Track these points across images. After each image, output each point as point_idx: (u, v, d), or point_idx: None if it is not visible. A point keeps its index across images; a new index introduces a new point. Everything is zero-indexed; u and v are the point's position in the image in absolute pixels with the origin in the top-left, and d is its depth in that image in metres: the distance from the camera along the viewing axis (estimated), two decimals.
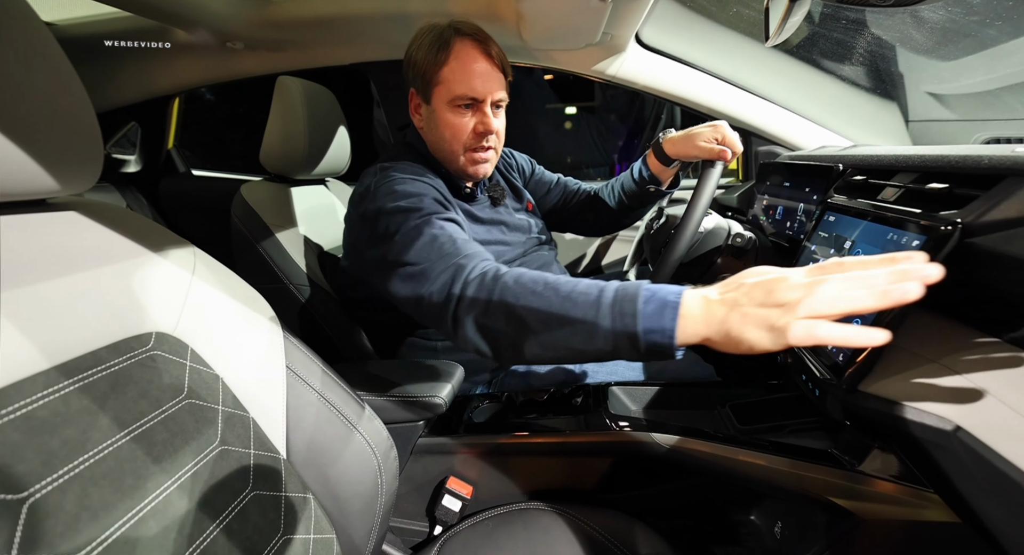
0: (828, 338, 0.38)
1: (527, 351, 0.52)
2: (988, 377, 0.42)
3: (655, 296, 0.47)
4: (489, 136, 0.81)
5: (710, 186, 0.85)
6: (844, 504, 0.60)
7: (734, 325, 0.42)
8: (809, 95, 1.35)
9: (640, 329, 0.46)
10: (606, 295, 0.49)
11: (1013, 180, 0.43)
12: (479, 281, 0.57)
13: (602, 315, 0.48)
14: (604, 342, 0.48)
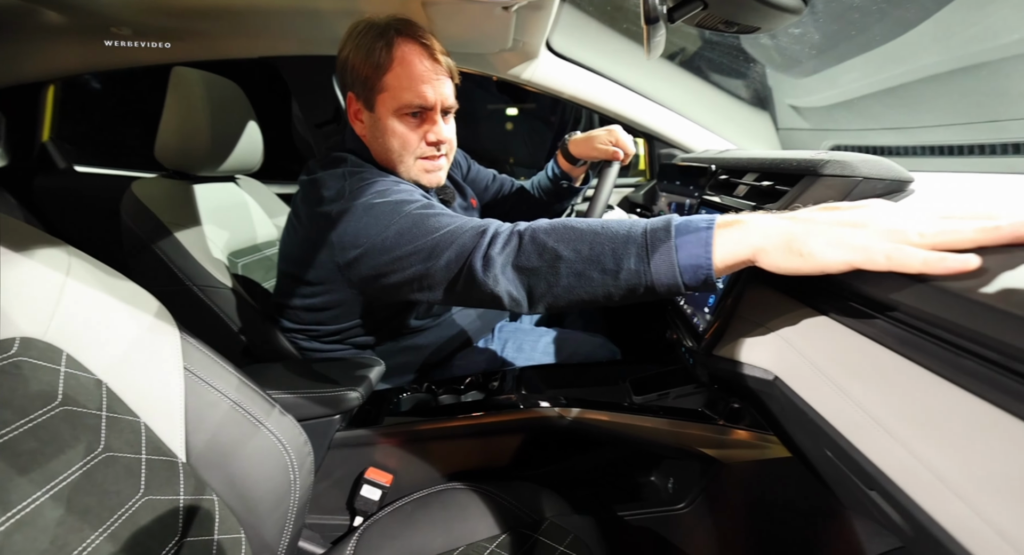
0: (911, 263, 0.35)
1: (561, 285, 0.51)
2: (798, 337, 0.53)
3: (686, 217, 0.48)
4: (441, 145, 0.78)
5: (608, 183, 0.95)
6: (712, 453, 0.71)
7: (798, 235, 0.40)
8: (700, 103, 1.51)
9: (674, 240, 0.46)
10: (639, 221, 0.50)
11: (808, 178, 0.54)
12: (510, 229, 0.57)
13: (634, 235, 0.48)
14: (638, 262, 0.47)
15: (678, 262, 0.45)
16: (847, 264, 0.38)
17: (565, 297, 0.51)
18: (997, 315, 0.31)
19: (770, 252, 0.42)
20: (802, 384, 0.49)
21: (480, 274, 0.54)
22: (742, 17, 0.72)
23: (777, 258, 0.42)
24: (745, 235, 0.43)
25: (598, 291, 0.49)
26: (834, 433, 0.44)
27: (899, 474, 0.35)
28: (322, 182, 0.73)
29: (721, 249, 0.44)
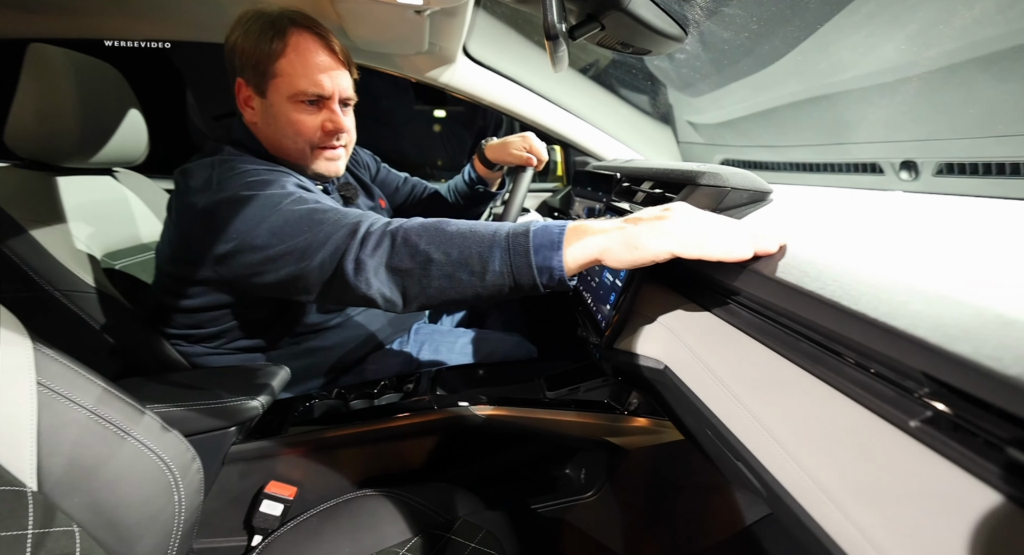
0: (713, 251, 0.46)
1: (433, 286, 0.53)
2: (682, 328, 0.59)
3: (543, 223, 0.54)
4: (340, 134, 0.78)
5: (522, 188, 0.98)
6: (617, 441, 0.76)
7: (631, 232, 0.48)
8: (610, 115, 1.61)
9: (531, 243, 0.51)
10: (503, 226, 0.54)
11: (689, 187, 0.61)
12: (382, 229, 0.57)
13: (498, 241, 0.52)
14: (502, 264, 0.51)
15: (535, 265, 0.50)
16: (668, 252, 0.47)
17: (438, 297, 0.54)
18: (804, 298, 0.38)
19: (613, 250, 0.49)
20: (686, 371, 0.54)
21: (352, 277, 0.55)
22: (635, 40, 0.79)
23: (618, 254, 0.49)
24: (591, 239, 0.50)
25: (468, 292, 0.53)
26: (709, 413, 0.49)
27: (751, 441, 0.40)
28: (190, 172, 0.70)
29: (572, 252, 0.50)
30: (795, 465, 0.35)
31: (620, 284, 0.68)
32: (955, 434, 0.28)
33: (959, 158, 0.74)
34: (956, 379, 0.27)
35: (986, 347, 0.26)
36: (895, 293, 0.32)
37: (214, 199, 0.65)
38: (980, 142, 0.69)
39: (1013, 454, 0.25)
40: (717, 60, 1.07)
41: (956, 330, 0.27)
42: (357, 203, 0.97)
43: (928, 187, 0.82)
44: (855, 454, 0.33)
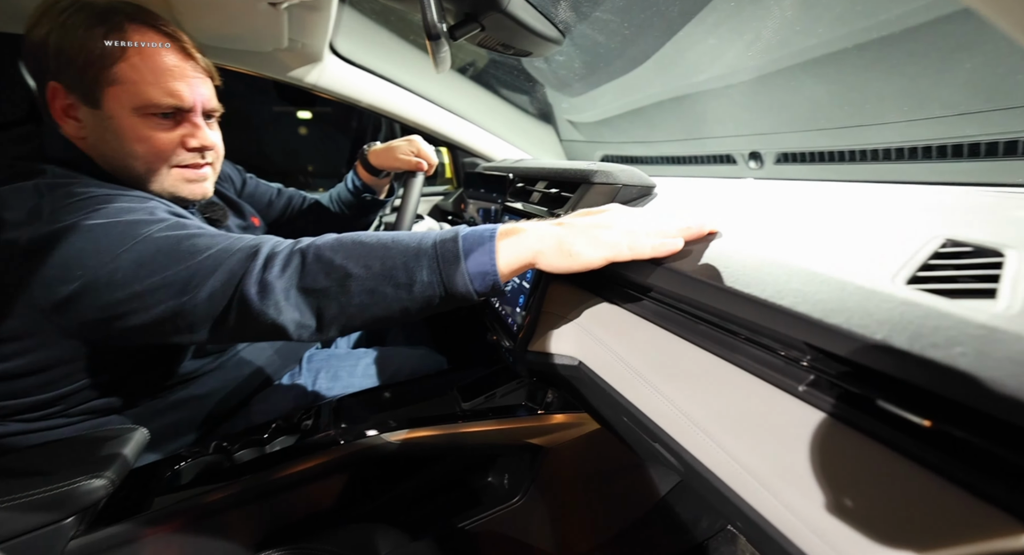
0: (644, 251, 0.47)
1: (354, 304, 0.48)
2: (593, 324, 0.60)
3: (472, 227, 0.51)
4: (206, 151, 0.67)
5: (414, 194, 0.93)
6: (537, 442, 0.76)
7: (566, 239, 0.48)
8: (494, 116, 1.62)
9: (462, 249, 0.48)
10: (429, 234, 0.51)
11: (584, 186, 0.62)
12: (289, 249, 0.51)
13: (424, 249, 0.49)
14: (430, 273, 0.48)
15: (467, 271, 0.48)
16: (604, 258, 0.47)
17: (360, 316, 0.49)
18: (703, 286, 0.40)
19: (546, 254, 0.48)
20: (600, 364, 0.55)
21: (257, 303, 0.48)
22: (516, 41, 0.80)
23: (552, 259, 0.48)
24: (524, 241, 0.49)
25: (394, 306, 0.49)
26: (625, 402, 0.50)
27: (665, 422, 0.42)
28: (2, 202, 0.54)
29: (504, 256, 0.48)
30: (706, 437, 0.37)
31: (528, 285, 0.67)
32: (833, 392, 0.32)
33: (793, 148, 0.87)
34: (835, 346, 0.30)
35: (855, 317, 0.29)
36: (777, 275, 0.35)
37: (43, 231, 0.51)
38: (808, 134, 0.81)
39: (882, 405, 0.28)
40: (590, 62, 1.13)
41: (831, 304, 0.31)
42: (227, 225, 0.83)
43: (772, 173, 0.96)
44: (756, 421, 0.35)
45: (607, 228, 0.48)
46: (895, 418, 0.28)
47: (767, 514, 0.32)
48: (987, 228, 0.34)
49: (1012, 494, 0.23)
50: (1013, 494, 0.23)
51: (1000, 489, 0.23)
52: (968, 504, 0.25)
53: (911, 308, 0.26)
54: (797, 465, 0.31)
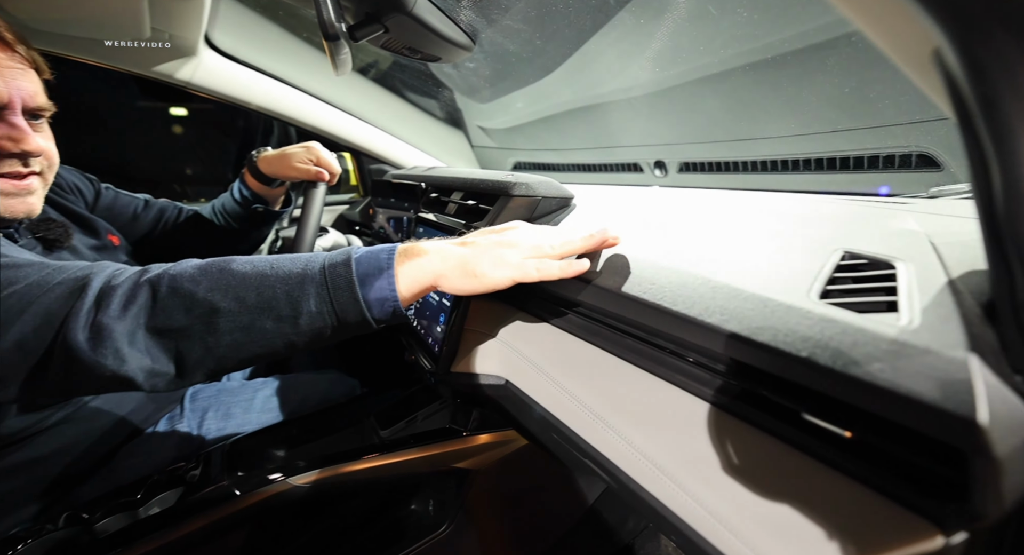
0: (552, 272, 0.45)
1: (224, 343, 0.41)
2: (519, 341, 0.58)
3: (367, 248, 0.46)
4: (31, 158, 0.55)
5: (316, 207, 0.84)
6: (463, 465, 0.72)
7: (470, 259, 0.45)
8: (401, 120, 1.55)
9: (355, 273, 0.43)
10: (315, 257, 0.45)
11: (503, 198, 0.60)
12: (132, 280, 0.42)
13: (311, 273, 0.43)
14: (319, 303, 0.42)
15: (363, 297, 0.43)
16: (510, 279, 0.45)
17: (234, 357, 0.42)
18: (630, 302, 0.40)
19: (449, 277, 0.45)
20: (527, 382, 0.53)
21: (87, 352, 0.39)
22: (424, 46, 0.75)
23: (456, 281, 0.45)
24: (426, 263, 0.46)
25: (276, 342, 0.43)
26: (555, 420, 0.49)
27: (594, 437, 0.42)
28: None
29: (405, 279, 0.45)
30: (637, 453, 0.37)
31: (448, 303, 0.63)
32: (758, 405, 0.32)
33: (694, 158, 0.93)
34: (763, 363, 0.31)
35: (780, 335, 0.29)
36: (703, 292, 0.36)
37: None
38: (707, 146, 0.87)
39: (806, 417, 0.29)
40: (501, 69, 1.12)
41: (756, 321, 0.31)
42: (72, 245, 0.68)
43: (675, 182, 1.02)
44: (685, 434, 0.36)
45: (513, 247, 0.46)
46: (818, 429, 0.29)
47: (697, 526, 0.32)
48: (875, 240, 0.37)
49: (930, 500, 0.24)
50: (931, 500, 0.24)
51: (918, 495, 0.24)
52: (889, 510, 0.26)
53: (829, 324, 0.27)
54: (725, 476, 0.32)
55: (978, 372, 0.22)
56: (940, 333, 0.25)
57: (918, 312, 0.27)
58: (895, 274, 0.31)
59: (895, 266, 0.32)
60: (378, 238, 1.24)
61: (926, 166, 0.58)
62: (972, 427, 0.20)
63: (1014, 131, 0.20)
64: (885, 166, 0.62)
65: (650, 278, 0.40)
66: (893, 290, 0.29)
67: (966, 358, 0.23)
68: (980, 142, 0.22)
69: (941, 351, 0.23)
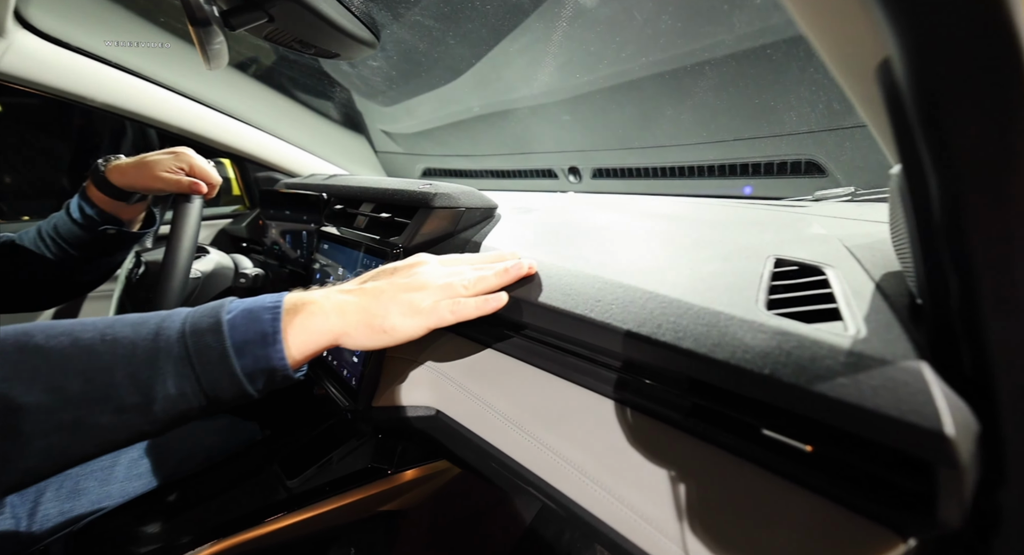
0: (468, 312, 0.41)
1: (35, 451, 0.30)
2: (450, 368, 0.53)
3: (243, 304, 0.37)
4: None
5: (190, 224, 0.70)
6: (391, 507, 0.65)
7: (376, 312, 0.40)
8: (293, 123, 1.40)
9: (230, 343, 0.35)
10: (168, 321, 0.35)
11: (423, 211, 0.54)
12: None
13: (166, 345, 0.34)
14: (180, 383, 0.33)
15: (241, 371, 0.35)
16: (424, 328, 0.41)
17: (50, 464, 0.31)
18: (572, 320, 0.37)
19: (353, 334, 0.40)
20: (460, 410, 0.48)
21: None
22: (318, 40, 0.67)
23: (361, 339, 0.40)
24: (323, 321, 0.39)
25: (118, 436, 0.33)
26: (493, 449, 0.45)
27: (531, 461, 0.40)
28: None
29: (296, 343, 0.37)
30: (587, 480, 0.36)
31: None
32: (713, 422, 0.32)
33: (607, 165, 0.95)
34: (722, 381, 0.29)
35: (738, 352, 0.28)
36: (651, 308, 0.34)
37: None
38: (619, 153, 0.90)
39: (766, 433, 0.29)
40: (407, 70, 1.05)
41: (712, 338, 0.30)
42: None
43: (589, 187, 1.04)
44: (635, 456, 0.34)
45: (422, 290, 0.42)
46: (776, 444, 0.28)
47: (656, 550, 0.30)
48: (796, 246, 0.38)
49: (890, 510, 0.24)
50: (891, 510, 0.24)
51: (878, 505, 0.24)
52: (849, 520, 0.26)
53: (785, 338, 0.27)
54: (678, 496, 0.30)
55: (934, 381, 0.22)
56: (888, 342, 0.25)
57: (861, 320, 0.27)
58: (827, 281, 0.32)
59: (825, 272, 0.33)
60: (272, 256, 1.10)
61: (814, 172, 0.64)
62: (940, 439, 0.20)
63: (955, 145, 0.20)
64: (779, 172, 0.67)
65: (595, 296, 0.37)
66: (830, 297, 0.30)
67: (919, 368, 0.23)
68: (918, 154, 0.22)
69: (895, 361, 0.23)
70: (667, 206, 0.67)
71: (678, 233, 0.47)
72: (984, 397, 0.23)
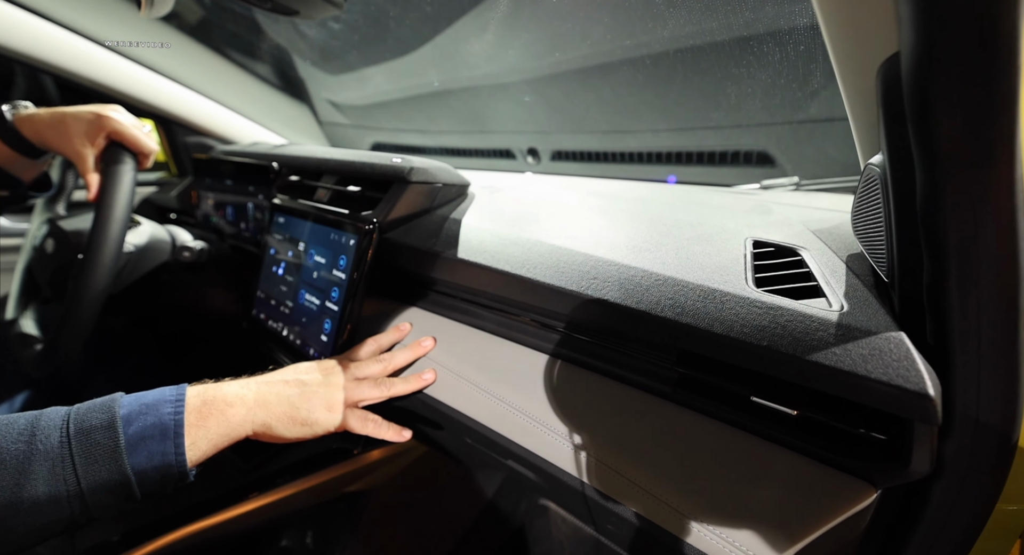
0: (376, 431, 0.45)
1: None
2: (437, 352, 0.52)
3: (141, 405, 0.34)
4: None
5: (123, 188, 0.62)
6: (355, 488, 0.63)
7: (300, 406, 0.40)
8: (233, 88, 1.27)
9: (126, 441, 0.32)
10: (46, 421, 0.32)
11: (398, 185, 0.52)
12: None
13: (43, 447, 0.30)
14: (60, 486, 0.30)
15: (132, 470, 0.32)
16: (343, 424, 0.43)
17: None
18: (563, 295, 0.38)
19: (275, 427, 0.39)
20: (438, 387, 0.48)
21: None
22: None
23: (283, 431, 0.40)
24: (245, 413, 0.38)
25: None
26: (471, 421, 0.45)
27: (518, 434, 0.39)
28: None
29: (202, 439, 0.35)
30: (569, 445, 0.36)
31: (333, 308, 0.53)
32: (702, 391, 0.34)
33: (566, 147, 0.96)
34: (720, 354, 0.31)
35: (736, 326, 0.30)
36: (647, 285, 0.35)
37: None
38: (579, 136, 0.91)
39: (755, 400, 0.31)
40: (361, 38, 0.99)
41: (710, 313, 0.32)
42: None
43: (548, 169, 1.04)
44: (627, 428, 0.35)
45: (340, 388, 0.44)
46: (764, 410, 0.31)
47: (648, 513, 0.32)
48: (769, 229, 0.41)
49: (867, 463, 0.27)
50: (868, 463, 0.27)
51: (857, 460, 0.28)
52: (827, 475, 0.29)
53: (779, 313, 0.29)
54: (668, 462, 0.32)
55: (914, 350, 0.25)
56: (868, 315, 0.28)
57: (841, 296, 0.30)
58: (803, 261, 0.35)
59: (800, 254, 0.36)
60: (208, 228, 1.00)
61: (764, 162, 0.68)
62: (925, 399, 0.23)
63: (941, 138, 0.23)
64: (732, 161, 0.72)
65: (589, 273, 0.38)
66: (809, 276, 0.33)
67: (901, 338, 0.26)
68: (906, 145, 0.25)
69: (879, 332, 0.26)
70: (632, 189, 0.69)
71: (657, 213, 0.49)
72: (942, 362, 0.26)
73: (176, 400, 0.35)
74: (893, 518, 0.31)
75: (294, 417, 0.40)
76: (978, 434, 0.26)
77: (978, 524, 0.29)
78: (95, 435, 0.32)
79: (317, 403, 0.41)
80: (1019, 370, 0.25)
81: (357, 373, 0.45)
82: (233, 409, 0.37)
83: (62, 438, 0.31)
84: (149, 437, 0.33)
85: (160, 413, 0.34)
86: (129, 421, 0.33)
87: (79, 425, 0.32)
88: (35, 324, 0.74)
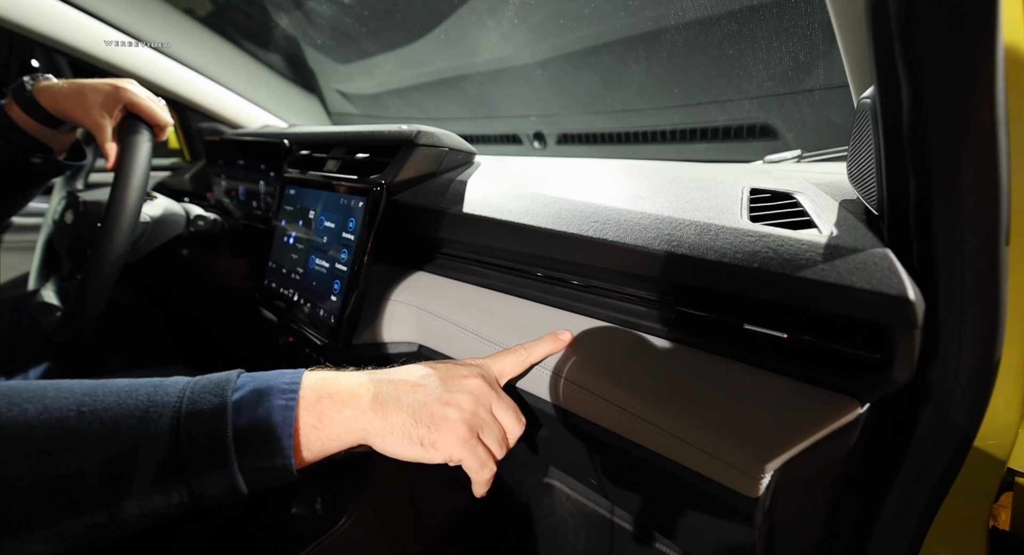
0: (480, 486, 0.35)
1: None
2: (431, 302, 0.53)
3: (255, 386, 0.31)
4: None
5: (140, 159, 0.64)
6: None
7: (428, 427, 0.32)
8: (246, 77, 1.30)
9: (234, 438, 0.29)
10: (161, 393, 0.30)
11: (405, 149, 0.54)
12: None
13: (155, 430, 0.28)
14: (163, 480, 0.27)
15: (240, 471, 0.29)
16: (460, 457, 0.33)
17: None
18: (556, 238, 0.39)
19: (389, 439, 0.32)
20: (442, 341, 0.49)
21: None
22: None
23: (397, 448, 0.33)
24: (358, 417, 0.32)
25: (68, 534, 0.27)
26: None
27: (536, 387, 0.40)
28: None
29: (316, 437, 0.31)
30: (580, 389, 0.37)
31: (343, 268, 0.55)
32: (696, 323, 0.35)
33: (572, 130, 0.97)
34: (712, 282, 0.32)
35: (728, 253, 0.32)
36: (644, 224, 0.36)
37: None
38: (585, 118, 0.92)
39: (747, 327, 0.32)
40: (371, 25, 1.01)
41: (705, 244, 0.33)
42: None
43: (555, 153, 1.05)
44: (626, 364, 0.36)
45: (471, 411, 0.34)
46: (755, 336, 0.32)
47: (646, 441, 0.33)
48: (766, 180, 0.42)
49: (853, 379, 0.28)
50: (854, 378, 0.28)
51: (843, 377, 0.29)
52: (816, 393, 0.30)
53: (772, 239, 0.30)
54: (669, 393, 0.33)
55: (896, 261, 0.26)
56: (856, 238, 0.29)
57: (832, 225, 0.31)
58: (798, 202, 0.36)
59: (795, 196, 0.37)
60: (220, 209, 1.03)
61: (767, 136, 0.69)
62: (905, 303, 0.24)
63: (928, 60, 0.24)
64: (736, 136, 0.73)
65: (589, 216, 0.39)
66: (804, 213, 0.34)
67: (885, 252, 0.27)
68: (895, 70, 0.26)
69: (864, 249, 0.27)
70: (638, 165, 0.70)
71: (658, 170, 0.50)
72: (927, 286, 0.27)
73: (290, 389, 0.31)
74: (883, 446, 0.32)
75: (411, 434, 0.32)
76: (962, 356, 0.27)
77: (963, 450, 0.29)
78: (204, 423, 0.29)
79: (448, 434, 0.33)
80: (1000, 290, 0.26)
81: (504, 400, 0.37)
82: (348, 410, 0.32)
83: (176, 422, 0.29)
84: (256, 433, 0.29)
85: (271, 405, 0.30)
86: (239, 410, 0.30)
87: (191, 408, 0.29)
88: (56, 295, 0.76)
